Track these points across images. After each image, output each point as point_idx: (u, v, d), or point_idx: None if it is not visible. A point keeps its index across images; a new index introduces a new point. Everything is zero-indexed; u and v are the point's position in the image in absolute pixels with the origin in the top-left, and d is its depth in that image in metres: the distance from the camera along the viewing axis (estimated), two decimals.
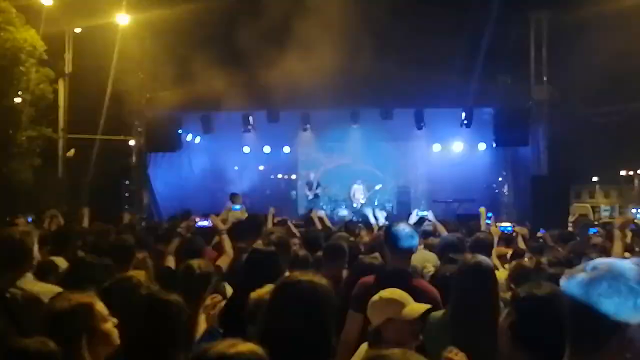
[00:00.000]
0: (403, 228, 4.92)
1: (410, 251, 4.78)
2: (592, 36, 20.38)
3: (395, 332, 3.30)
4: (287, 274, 4.70)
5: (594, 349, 1.86)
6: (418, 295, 3.83)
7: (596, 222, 16.12)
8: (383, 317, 3.36)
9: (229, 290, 4.92)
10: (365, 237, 9.65)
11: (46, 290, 4.15)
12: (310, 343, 2.71)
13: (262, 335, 2.81)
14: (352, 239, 8.11)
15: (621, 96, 24.37)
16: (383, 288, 3.73)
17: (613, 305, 1.82)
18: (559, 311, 2.85)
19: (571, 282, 1.94)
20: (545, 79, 19.55)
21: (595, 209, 35.92)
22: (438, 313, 3.91)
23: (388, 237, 5.02)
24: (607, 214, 36.95)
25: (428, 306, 3.58)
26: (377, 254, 5.83)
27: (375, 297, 3.48)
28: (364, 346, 3.54)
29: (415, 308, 3.45)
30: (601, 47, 21.03)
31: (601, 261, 1.99)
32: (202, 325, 4.21)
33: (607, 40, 21.74)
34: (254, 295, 3.54)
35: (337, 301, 2.97)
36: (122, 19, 21.62)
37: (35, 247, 4.80)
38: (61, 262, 5.73)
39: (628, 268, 1.87)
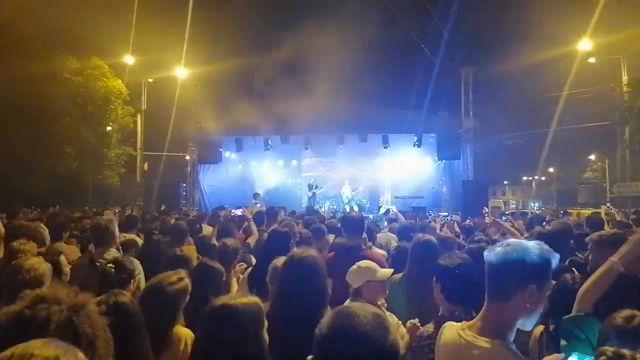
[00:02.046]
0: (351, 218, 4.90)
1: (358, 232, 4.72)
2: (504, 84, 20.55)
3: (371, 290, 3.24)
4: (294, 248, 4.73)
5: (505, 299, 1.87)
6: (372, 260, 3.83)
7: (506, 212, 16.25)
8: (363, 280, 3.26)
9: (254, 260, 4.89)
10: None
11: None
12: (313, 296, 2.76)
13: (279, 293, 2.87)
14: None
15: (523, 125, 24.66)
16: (341, 260, 3.76)
17: (520, 270, 1.85)
18: (469, 274, 2.88)
19: (491, 253, 1.94)
20: (471, 113, 19.67)
21: (505, 203, 36.26)
22: (398, 275, 3.83)
23: (342, 224, 5.03)
24: (514, 206, 37.19)
25: (392, 270, 3.49)
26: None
27: (354, 267, 3.33)
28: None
29: (385, 272, 3.38)
30: (510, 92, 21.19)
31: (514, 240, 2.01)
32: (234, 285, 4.23)
33: (514, 87, 21.91)
34: (272, 263, 3.49)
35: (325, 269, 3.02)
36: (181, 72, 21.70)
37: (117, 230, 4.80)
38: (138, 240, 5.80)
39: (531, 245, 1.90)
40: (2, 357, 1.16)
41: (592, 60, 22.06)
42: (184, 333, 2.80)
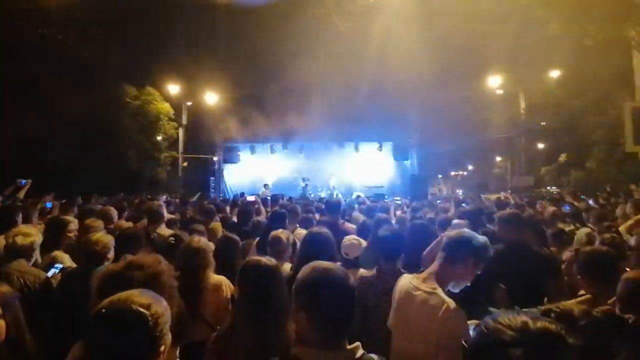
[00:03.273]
0: (331, 203, 4.90)
1: (337, 212, 4.70)
2: (441, 108, 20.69)
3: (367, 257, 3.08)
4: (297, 226, 4.66)
5: (451, 264, 1.93)
6: (345, 232, 3.80)
7: (440, 197, 16.29)
8: (359, 250, 3.06)
9: None
10: None
11: (169, 232, 4.04)
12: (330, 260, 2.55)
13: (303, 258, 2.65)
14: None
15: (453, 136, 24.83)
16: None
17: (467, 246, 1.95)
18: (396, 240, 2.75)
19: (452, 232, 2.08)
20: (417, 127, 19.73)
21: (440, 190, 36.29)
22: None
23: (325, 207, 5.02)
24: (445, 192, 37.28)
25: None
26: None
27: (353, 241, 3.12)
28: None
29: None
30: (444, 114, 21.37)
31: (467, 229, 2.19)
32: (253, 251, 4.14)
33: (447, 110, 22.00)
34: (271, 234, 3.39)
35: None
36: (211, 96, 21.51)
37: (165, 210, 4.70)
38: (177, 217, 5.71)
39: (479, 235, 2.06)
40: (110, 299, 1.16)
41: (499, 91, 22.33)
42: (218, 279, 2.70)
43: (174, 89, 22.37)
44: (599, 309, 1.45)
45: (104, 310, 1.14)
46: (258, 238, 4.12)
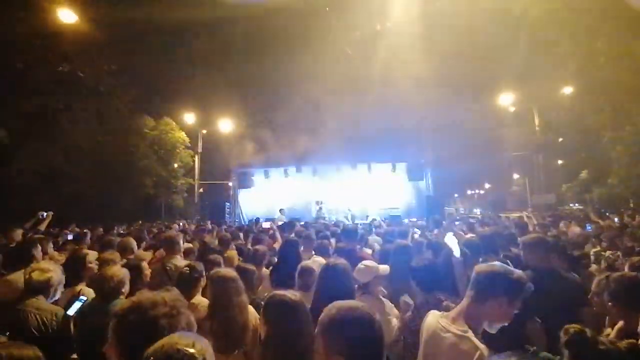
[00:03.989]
0: (348, 230, 4.83)
1: (354, 239, 4.61)
2: (454, 127, 20.57)
3: (376, 282, 3.01)
4: (313, 253, 4.56)
5: (482, 302, 1.75)
6: (362, 259, 3.65)
7: (458, 217, 15.97)
8: (371, 276, 2.99)
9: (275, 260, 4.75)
10: None
11: (184, 263, 3.99)
12: (346, 294, 2.38)
13: (321, 291, 2.59)
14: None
15: (468, 155, 24.55)
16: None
17: (499, 283, 1.76)
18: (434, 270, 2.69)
19: (482, 266, 1.86)
20: (431, 147, 19.63)
21: (456, 210, 35.68)
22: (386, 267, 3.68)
23: (342, 234, 4.95)
24: (462, 211, 36.67)
25: (388, 266, 3.15)
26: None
27: (361, 266, 3.01)
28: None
29: (384, 267, 3.12)
30: (458, 131, 21.19)
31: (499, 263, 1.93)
32: (264, 281, 4.04)
33: (462, 127, 21.89)
34: (303, 264, 3.25)
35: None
36: (225, 124, 21.88)
37: (182, 242, 4.65)
38: (195, 246, 5.63)
39: (514, 269, 1.83)
40: (154, 348, 1.19)
41: (512, 108, 22.18)
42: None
43: (189, 117, 22.95)
44: (625, 341, 1.43)
45: (152, 358, 1.17)
46: (271, 267, 4.04)
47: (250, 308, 2.64)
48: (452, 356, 1.68)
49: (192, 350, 1.19)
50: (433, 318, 1.91)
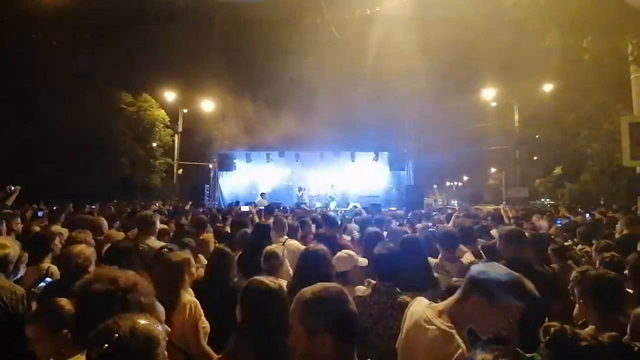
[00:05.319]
0: (329, 216, 4.80)
1: (334, 226, 4.59)
2: (436, 118, 20.72)
3: (354, 273, 2.98)
4: (285, 237, 4.49)
5: (464, 298, 1.66)
6: (342, 246, 3.63)
7: (436, 208, 16.19)
8: (350, 265, 2.96)
9: None
10: None
11: (159, 245, 3.87)
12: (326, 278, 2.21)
13: (299, 277, 2.58)
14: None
15: (448, 147, 24.86)
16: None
17: (477, 281, 1.62)
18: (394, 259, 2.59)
19: (473, 265, 1.75)
20: (413, 137, 19.74)
21: (435, 200, 36.28)
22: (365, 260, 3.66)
23: (324, 220, 4.91)
24: (440, 202, 37.30)
25: (366, 260, 3.08)
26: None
27: (342, 254, 3.00)
28: None
29: (362, 260, 3.08)
30: (439, 124, 21.34)
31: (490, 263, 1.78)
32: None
33: (442, 120, 22.07)
34: (268, 249, 3.27)
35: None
36: (207, 104, 21.43)
37: (157, 221, 4.50)
38: (170, 228, 5.50)
39: (503, 271, 1.63)
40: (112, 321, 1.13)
41: (494, 103, 22.54)
42: (188, 299, 2.57)
43: (170, 95, 22.31)
44: (606, 334, 1.36)
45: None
46: (240, 252, 3.97)
47: (193, 301, 2.56)
48: (433, 349, 1.63)
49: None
50: (419, 306, 1.85)
